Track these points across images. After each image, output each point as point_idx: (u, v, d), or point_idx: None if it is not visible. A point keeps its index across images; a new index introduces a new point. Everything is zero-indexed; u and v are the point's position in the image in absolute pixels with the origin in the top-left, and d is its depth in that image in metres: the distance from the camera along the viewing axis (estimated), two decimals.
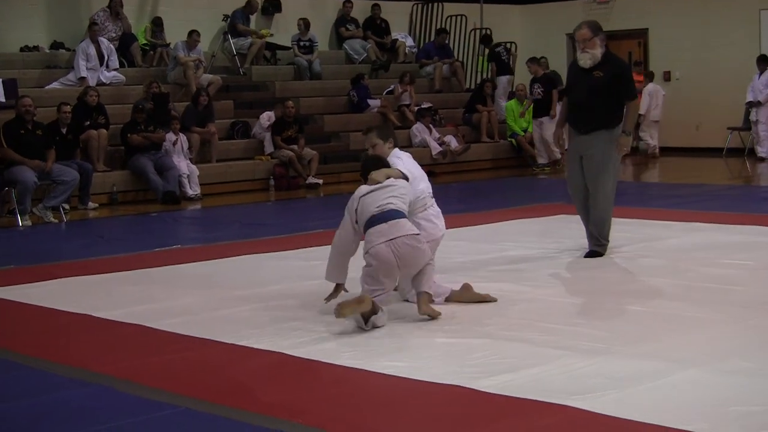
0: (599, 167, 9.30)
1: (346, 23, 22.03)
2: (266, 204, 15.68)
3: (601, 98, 9.22)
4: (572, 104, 9.56)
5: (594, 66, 9.27)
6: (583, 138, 9.37)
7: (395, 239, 7.02)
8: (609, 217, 9.46)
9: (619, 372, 5.70)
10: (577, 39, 9.40)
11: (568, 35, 24.19)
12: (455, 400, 5.39)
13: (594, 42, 9.25)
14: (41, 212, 13.53)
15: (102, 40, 17.70)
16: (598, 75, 9.25)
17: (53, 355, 6.61)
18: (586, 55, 9.28)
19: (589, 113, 9.30)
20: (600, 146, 9.28)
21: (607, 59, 9.34)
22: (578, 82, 9.46)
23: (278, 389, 5.75)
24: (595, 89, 9.21)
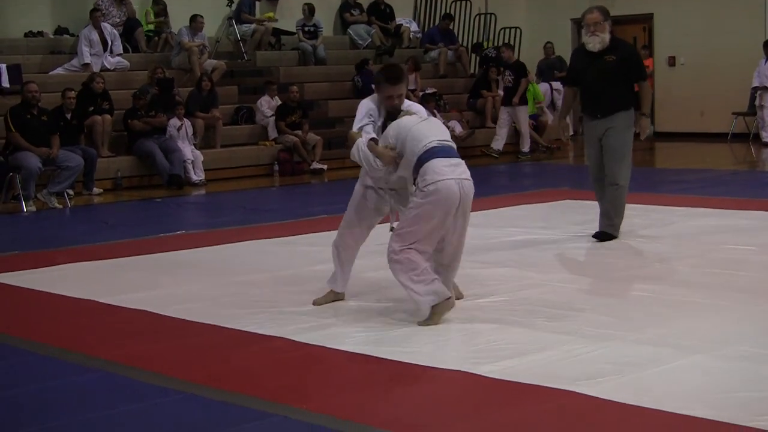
0: (619, 148, 9.40)
1: (350, 8, 21.99)
2: (270, 189, 15.68)
3: (614, 81, 9.32)
4: (586, 90, 9.59)
5: (603, 50, 9.33)
6: (601, 122, 9.45)
7: (463, 180, 6.60)
8: (625, 200, 9.54)
9: (624, 357, 5.70)
10: (586, 22, 9.42)
11: (573, 20, 24.16)
12: (459, 385, 5.39)
13: (604, 26, 9.32)
14: (45, 198, 13.54)
15: (105, 26, 17.68)
16: (610, 59, 9.33)
17: (57, 341, 6.61)
18: (596, 38, 9.33)
19: (605, 97, 9.37)
20: (619, 128, 9.39)
21: (616, 43, 9.44)
22: (588, 67, 9.48)
23: (283, 375, 5.75)
24: (608, 72, 9.31)
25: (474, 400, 5.19)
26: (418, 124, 6.76)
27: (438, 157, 6.58)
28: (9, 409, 5.31)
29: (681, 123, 22.03)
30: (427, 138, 6.65)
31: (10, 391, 5.59)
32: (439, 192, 6.49)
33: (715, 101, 21.39)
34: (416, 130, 6.70)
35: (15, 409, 5.31)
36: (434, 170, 6.53)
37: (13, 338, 6.74)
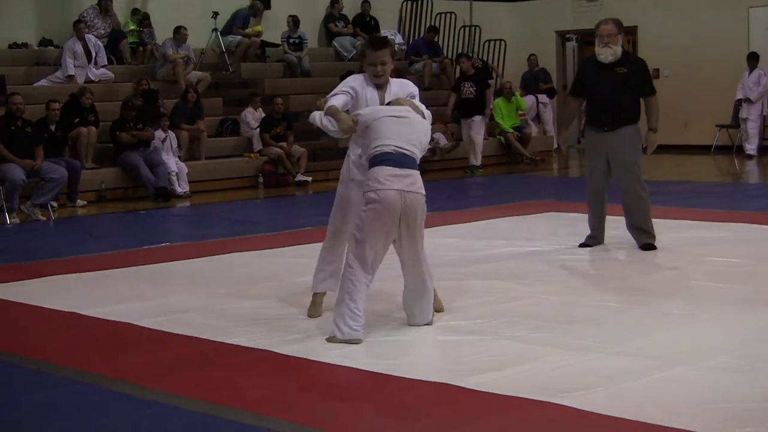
0: (630, 162, 9.37)
1: (335, 20, 22.03)
2: (255, 201, 15.67)
3: (626, 94, 9.32)
4: (595, 101, 9.56)
5: (615, 62, 9.32)
6: (608, 135, 9.39)
7: (408, 192, 6.46)
8: (650, 209, 9.52)
9: (608, 369, 5.70)
10: (600, 33, 9.37)
11: (558, 32, 24.29)
12: (443, 396, 5.38)
13: (617, 38, 9.31)
14: (29, 210, 13.50)
15: (89, 38, 17.66)
16: (622, 71, 9.32)
17: (40, 354, 6.58)
18: (608, 50, 9.30)
19: (615, 109, 9.34)
20: (627, 142, 9.37)
21: (627, 56, 9.48)
22: (599, 79, 9.44)
23: (266, 386, 5.74)
24: (620, 85, 9.29)
25: (457, 411, 5.18)
26: (392, 118, 6.59)
27: (386, 164, 6.45)
28: None
29: (665, 135, 21.87)
30: (386, 139, 6.50)
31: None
32: (378, 202, 6.39)
33: (699, 113, 21.47)
34: (383, 123, 6.55)
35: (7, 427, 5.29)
36: (377, 178, 6.43)
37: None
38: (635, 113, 9.45)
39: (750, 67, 20.27)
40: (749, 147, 20.12)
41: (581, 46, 24.91)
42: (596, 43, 9.47)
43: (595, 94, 9.52)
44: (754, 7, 21.42)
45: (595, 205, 9.63)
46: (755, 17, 21.47)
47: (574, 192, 15.70)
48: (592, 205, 9.68)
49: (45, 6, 18.74)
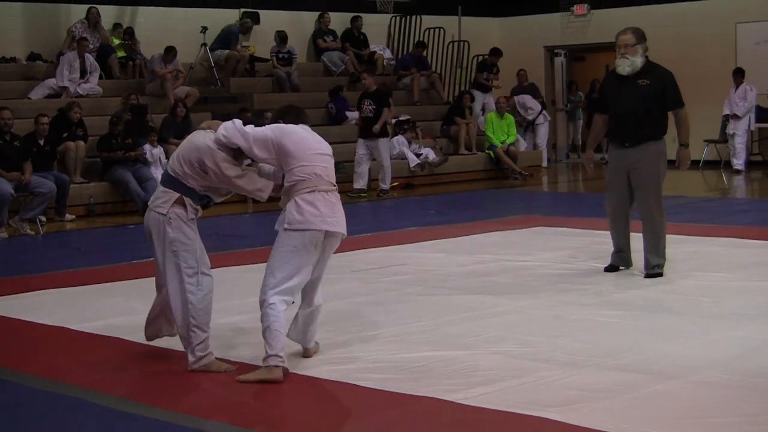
0: (648, 183, 8.93)
1: (324, 35, 22.04)
2: (244, 216, 15.65)
3: (648, 107, 8.86)
4: (615, 116, 9.08)
5: (636, 74, 8.92)
6: (630, 151, 8.94)
7: (149, 210, 6.45)
8: (663, 233, 9.05)
9: (597, 384, 5.71)
10: (617, 44, 8.99)
11: (546, 48, 24.34)
12: (432, 412, 5.38)
13: (636, 49, 8.92)
14: (17, 224, 13.46)
15: (88, 56, 17.67)
16: (644, 83, 8.88)
17: (28, 368, 6.57)
18: (626, 61, 8.91)
19: (637, 123, 8.88)
20: (649, 159, 8.91)
21: (651, 67, 9.00)
22: (621, 92, 9.00)
23: (256, 402, 5.73)
24: (642, 98, 8.85)
25: (448, 427, 5.18)
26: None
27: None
28: None
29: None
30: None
31: None
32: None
33: None
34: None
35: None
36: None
37: None
38: (659, 128, 8.96)
39: (736, 82, 20.34)
40: (737, 162, 20.17)
41: (569, 61, 24.99)
42: (616, 54, 9.11)
43: (615, 108, 9.08)
44: (742, 22, 21.49)
45: (615, 221, 9.20)
46: (742, 32, 21.54)
47: (563, 207, 15.79)
48: (612, 223, 9.24)
49: (34, 20, 18.72)
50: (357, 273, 9.59)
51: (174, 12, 20.10)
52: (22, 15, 18.63)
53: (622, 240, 9.23)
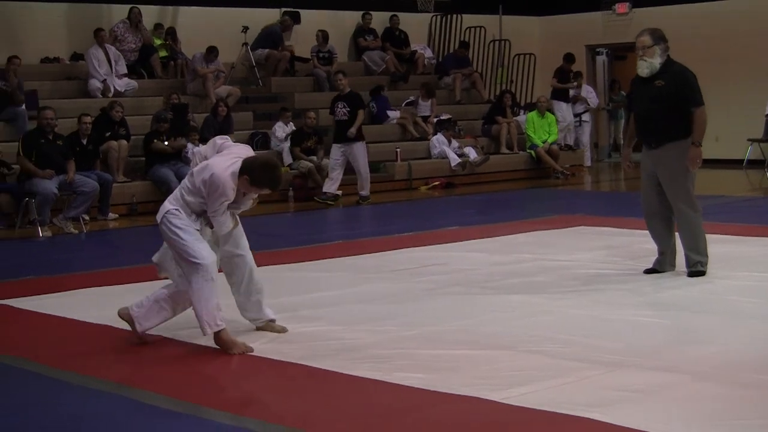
0: (675, 182, 8.88)
1: (364, 34, 22.06)
2: (285, 215, 15.70)
3: (664, 108, 8.81)
4: (638, 117, 9.14)
5: (654, 75, 8.87)
6: (654, 153, 8.95)
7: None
8: (700, 231, 8.98)
9: (637, 384, 5.69)
10: (636, 46, 8.97)
11: (588, 47, 24.23)
12: (472, 411, 5.37)
13: (653, 50, 8.85)
14: (61, 223, 13.58)
15: (108, 47, 17.76)
16: (660, 84, 8.84)
17: (71, 366, 6.62)
18: (644, 63, 8.87)
19: (655, 125, 8.89)
20: (672, 160, 8.85)
21: (668, 67, 8.93)
22: (641, 93, 9.05)
23: (294, 400, 5.75)
24: (657, 99, 8.83)
25: (488, 426, 5.18)
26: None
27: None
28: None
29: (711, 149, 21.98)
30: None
31: (19, 416, 5.60)
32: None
33: (730, 127, 21.34)
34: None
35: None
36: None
37: (26, 361, 6.76)
38: (682, 128, 8.85)
39: None
40: None
41: (611, 60, 24.87)
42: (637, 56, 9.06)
43: (637, 110, 9.15)
44: None
45: (650, 224, 9.15)
46: None
47: (604, 206, 15.71)
48: (648, 224, 9.21)
49: (76, 20, 18.86)
50: (396, 272, 9.59)
51: (215, 12, 20.18)
52: (65, 15, 18.78)
53: (660, 241, 9.17)
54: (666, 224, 9.09)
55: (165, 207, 6.91)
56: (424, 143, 19.46)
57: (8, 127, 15.73)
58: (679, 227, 9.02)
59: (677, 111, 8.82)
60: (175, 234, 6.78)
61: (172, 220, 6.80)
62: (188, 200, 6.83)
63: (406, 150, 18.97)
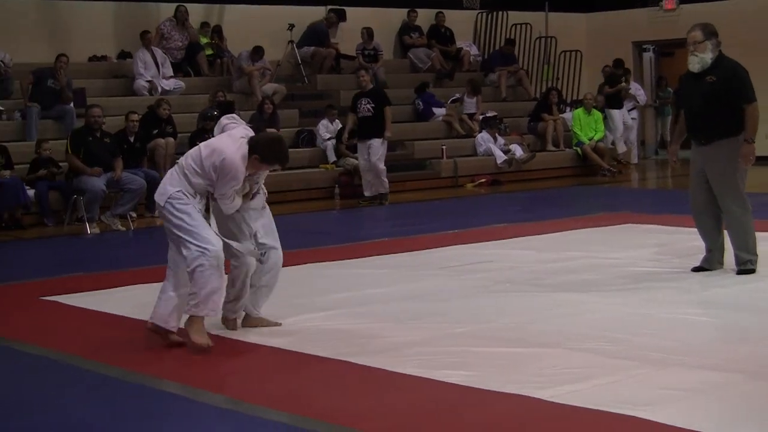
0: (724, 180, 8.75)
1: (410, 31, 22.05)
2: (331, 212, 15.71)
3: (715, 104, 8.67)
4: (688, 113, 9.01)
5: (705, 71, 8.75)
6: (704, 149, 8.82)
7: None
8: (750, 229, 8.88)
9: (687, 383, 5.64)
10: (687, 41, 8.84)
11: (634, 43, 24.07)
12: (519, 409, 5.36)
13: (705, 45, 8.72)
14: (108, 220, 13.67)
15: (155, 49, 17.87)
16: (711, 80, 8.72)
17: (120, 362, 6.66)
18: (695, 58, 8.74)
19: (705, 121, 8.75)
20: (722, 157, 8.72)
21: (720, 63, 8.79)
22: (691, 90, 8.93)
23: (340, 396, 5.75)
24: (708, 95, 8.69)
25: (533, 424, 5.15)
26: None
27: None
28: (68, 430, 5.35)
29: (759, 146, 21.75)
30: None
31: (78, 414, 5.64)
32: None
33: None
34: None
35: (79, 430, 5.35)
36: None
37: (74, 358, 6.80)
38: (732, 125, 8.70)
39: None
40: None
41: (658, 56, 24.69)
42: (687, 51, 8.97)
43: (687, 106, 9.03)
44: None
45: (698, 221, 9.04)
46: None
47: (653, 204, 15.60)
48: (696, 222, 9.10)
49: (123, 19, 19.00)
50: (443, 269, 9.58)
51: (261, 9, 20.25)
52: (112, 14, 18.91)
53: (709, 239, 9.06)
54: (714, 222, 8.99)
55: (167, 190, 6.89)
56: (470, 140, 19.43)
57: (57, 125, 15.87)
58: (728, 225, 8.93)
59: (728, 107, 8.70)
60: (181, 219, 6.80)
61: (176, 205, 6.82)
62: (194, 182, 6.86)
63: (451, 147, 18.93)
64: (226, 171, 6.74)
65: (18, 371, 6.64)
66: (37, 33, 17.94)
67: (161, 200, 6.89)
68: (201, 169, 6.83)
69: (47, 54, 16.72)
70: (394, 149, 18.73)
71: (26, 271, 10.59)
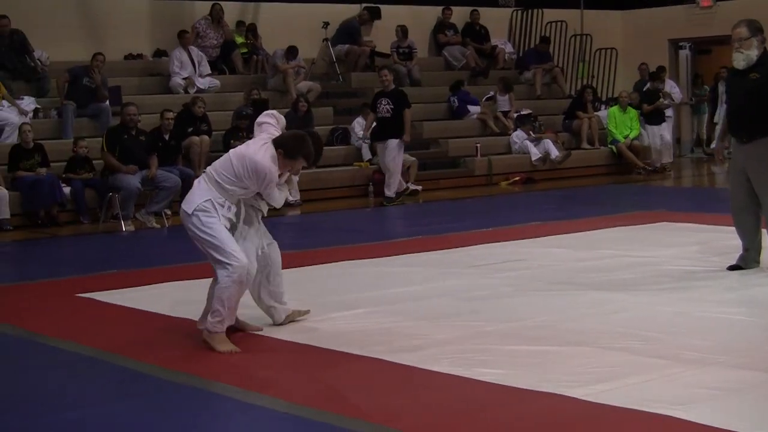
0: (764, 178, 8.65)
1: (445, 29, 22.03)
2: (365, 210, 15.71)
3: (757, 102, 8.56)
4: (730, 111, 8.94)
5: (750, 68, 8.66)
6: (745, 147, 8.71)
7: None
8: None
9: (723, 382, 5.60)
10: (732, 38, 8.76)
11: (670, 40, 23.94)
12: (552, 408, 5.34)
13: (750, 42, 8.63)
14: (143, 217, 13.73)
15: (192, 48, 17.92)
16: (754, 77, 8.62)
17: (154, 359, 6.68)
18: (740, 55, 8.66)
19: (747, 119, 8.64)
20: (762, 155, 8.60)
21: (764, 60, 8.66)
22: (735, 86, 8.87)
23: (374, 395, 5.75)
24: (751, 92, 8.59)
25: (570, 423, 5.13)
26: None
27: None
28: (107, 426, 5.38)
29: None
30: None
31: (107, 407, 5.67)
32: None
33: None
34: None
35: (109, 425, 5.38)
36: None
37: (110, 355, 6.84)
38: None
39: None
40: None
41: (694, 54, 24.55)
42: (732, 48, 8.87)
43: (730, 103, 8.96)
44: None
45: (738, 219, 8.95)
46: None
47: (689, 202, 15.51)
48: (735, 220, 9.00)
49: (159, 17, 19.08)
50: (476, 268, 9.56)
51: (295, 7, 20.28)
52: (148, 12, 19.00)
53: (747, 238, 8.98)
54: (754, 220, 8.91)
55: (194, 201, 6.98)
56: (504, 138, 19.39)
57: (92, 123, 15.96)
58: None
59: None
60: (207, 233, 6.86)
61: (202, 218, 6.89)
62: (229, 189, 6.95)
63: (485, 145, 18.89)
64: (262, 175, 6.87)
65: (54, 367, 6.68)
66: (74, 32, 18.03)
67: (189, 209, 6.95)
68: (235, 177, 6.91)
69: (84, 52, 16.81)
70: (428, 147, 18.75)
71: (62, 268, 10.66)
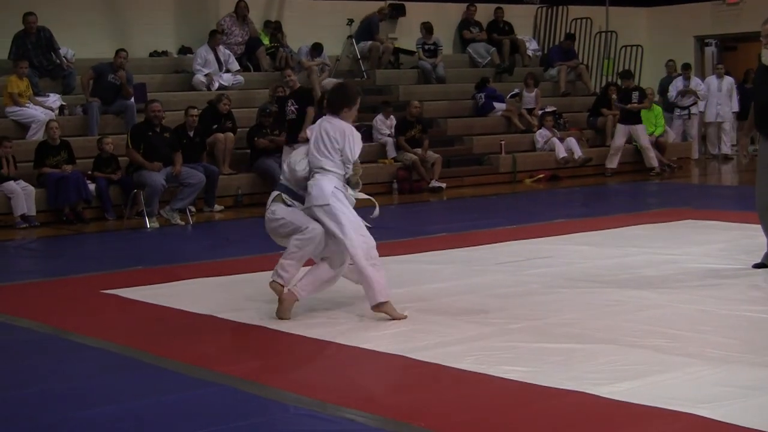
0: None
1: (469, 26, 22.00)
2: (389, 207, 15.69)
3: None
4: (757, 107, 8.86)
5: None
6: None
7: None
8: None
9: (748, 381, 5.58)
10: (762, 34, 8.71)
11: (696, 37, 23.84)
12: (576, 405, 5.32)
13: None
14: (168, 214, 13.76)
15: (220, 48, 17.93)
16: None
17: (178, 355, 6.70)
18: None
19: None
20: None
21: None
22: (762, 83, 8.79)
23: (400, 391, 5.75)
24: None
25: (590, 421, 5.12)
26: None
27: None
28: (132, 421, 5.39)
29: None
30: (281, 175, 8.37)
31: (133, 403, 5.68)
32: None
33: None
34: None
35: (134, 421, 5.39)
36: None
37: (135, 352, 6.85)
38: None
39: None
40: None
41: (721, 51, 24.43)
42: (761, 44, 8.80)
43: (757, 99, 8.90)
44: None
45: (764, 216, 8.87)
46: None
47: (713, 199, 15.44)
48: (761, 218, 8.94)
49: (184, 15, 19.13)
50: (502, 265, 9.55)
51: (320, 5, 20.29)
52: (173, 9, 19.04)
53: None
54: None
55: (326, 187, 7.65)
56: (529, 135, 19.34)
57: (117, 120, 16.00)
58: None
59: None
60: (339, 219, 7.64)
61: (336, 204, 7.64)
62: (339, 173, 7.72)
63: (510, 142, 18.85)
64: (356, 136, 7.76)
65: (79, 363, 6.70)
66: (99, 29, 18.09)
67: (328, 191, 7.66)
68: (337, 158, 7.69)
69: (109, 50, 16.86)
70: (452, 144, 18.73)
71: (87, 265, 10.70)
